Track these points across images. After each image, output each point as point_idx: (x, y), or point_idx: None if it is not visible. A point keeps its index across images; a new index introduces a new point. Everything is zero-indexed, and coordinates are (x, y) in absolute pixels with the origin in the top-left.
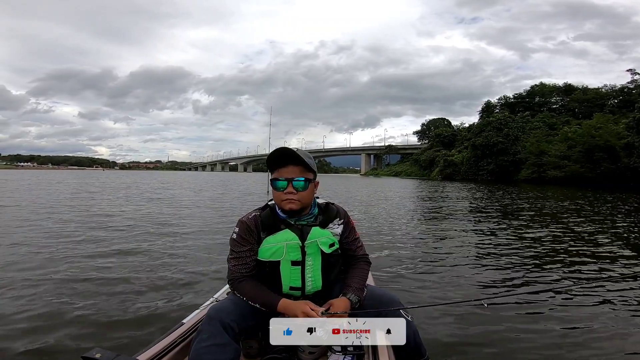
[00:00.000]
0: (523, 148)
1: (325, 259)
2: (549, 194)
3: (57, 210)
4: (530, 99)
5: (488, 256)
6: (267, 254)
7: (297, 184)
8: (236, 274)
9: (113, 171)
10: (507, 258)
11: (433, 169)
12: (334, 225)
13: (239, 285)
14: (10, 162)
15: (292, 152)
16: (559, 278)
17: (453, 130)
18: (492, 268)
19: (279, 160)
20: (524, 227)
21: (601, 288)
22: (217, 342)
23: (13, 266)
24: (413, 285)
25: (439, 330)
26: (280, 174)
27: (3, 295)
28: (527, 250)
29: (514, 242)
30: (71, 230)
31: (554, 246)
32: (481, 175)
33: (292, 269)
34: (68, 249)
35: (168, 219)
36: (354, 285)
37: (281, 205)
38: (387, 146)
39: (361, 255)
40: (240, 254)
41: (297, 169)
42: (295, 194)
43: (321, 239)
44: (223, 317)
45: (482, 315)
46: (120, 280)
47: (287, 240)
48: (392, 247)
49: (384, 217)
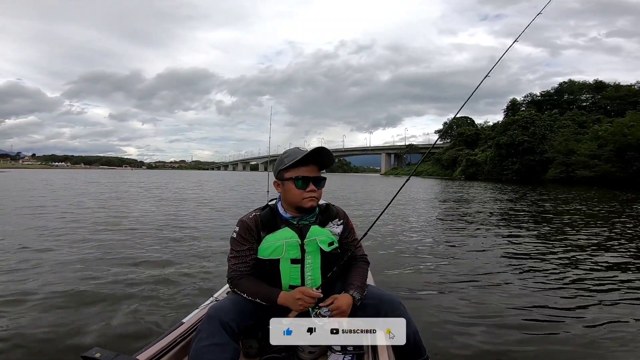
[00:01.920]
0: (550, 147)
1: (325, 257)
2: (589, 194)
3: (67, 211)
4: (558, 97)
5: (525, 266)
6: (267, 252)
7: (320, 183)
8: (236, 272)
9: (141, 171)
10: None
11: (455, 169)
12: (333, 225)
13: (239, 283)
14: (45, 162)
15: (327, 151)
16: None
17: (476, 129)
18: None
19: (305, 160)
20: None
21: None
22: (217, 342)
23: (13, 265)
24: (416, 286)
25: (439, 331)
26: (302, 172)
27: (3, 295)
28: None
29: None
30: (76, 231)
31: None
32: (505, 175)
33: (291, 267)
34: (69, 248)
35: (173, 220)
36: (355, 284)
37: (302, 204)
38: (408, 145)
39: (360, 256)
40: (240, 252)
41: (316, 167)
42: (316, 192)
43: (320, 237)
44: (222, 316)
45: (482, 315)
46: (121, 279)
47: (286, 238)
48: (414, 250)
49: (409, 219)
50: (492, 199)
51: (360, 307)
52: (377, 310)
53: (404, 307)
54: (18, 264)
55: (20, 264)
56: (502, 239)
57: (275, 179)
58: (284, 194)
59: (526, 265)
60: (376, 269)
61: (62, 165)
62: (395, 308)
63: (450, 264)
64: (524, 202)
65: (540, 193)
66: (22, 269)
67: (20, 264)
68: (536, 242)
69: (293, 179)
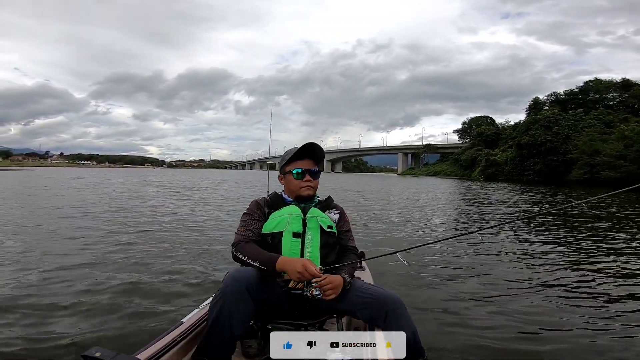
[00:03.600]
0: (574, 147)
1: (325, 235)
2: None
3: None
4: (583, 96)
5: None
6: (271, 225)
7: (314, 174)
8: (241, 238)
9: (162, 169)
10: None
11: (474, 169)
12: (331, 213)
13: (242, 247)
14: (72, 161)
15: (318, 146)
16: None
17: (497, 129)
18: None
19: (300, 154)
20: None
21: None
22: (239, 297)
23: (12, 264)
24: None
25: (439, 331)
26: (298, 165)
27: (3, 294)
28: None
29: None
30: (81, 228)
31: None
32: (527, 176)
33: (293, 240)
34: (71, 247)
35: (180, 219)
36: (345, 269)
37: (300, 192)
38: (426, 145)
39: (352, 247)
40: (247, 223)
41: (312, 162)
42: (312, 182)
43: (321, 217)
44: (244, 274)
45: (482, 316)
46: (121, 279)
47: (291, 212)
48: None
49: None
50: (513, 200)
51: (362, 306)
52: (379, 309)
53: (405, 307)
54: (16, 264)
55: (19, 264)
56: (519, 242)
57: (279, 174)
58: (286, 185)
59: (539, 267)
60: (378, 269)
61: (88, 164)
62: (397, 307)
63: (458, 265)
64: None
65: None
66: (21, 269)
67: (19, 264)
68: (548, 244)
69: (292, 172)
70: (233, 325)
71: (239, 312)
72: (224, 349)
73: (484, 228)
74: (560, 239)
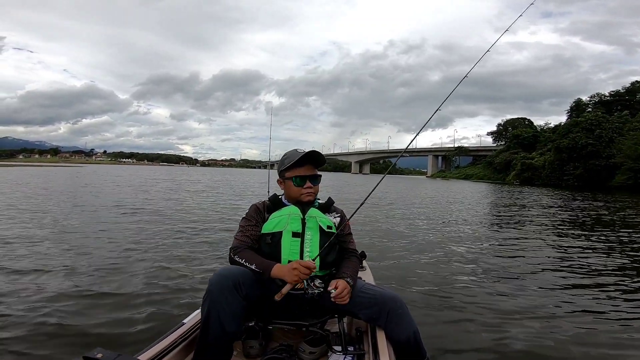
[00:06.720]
0: (618, 151)
1: (324, 235)
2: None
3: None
4: (630, 97)
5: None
6: (271, 225)
7: (315, 180)
8: (239, 244)
9: (195, 168)
10: None
11: (508, 173)
12: (331, 215)
13: (240, 252)
14: (114, 159)
15: (319, 154)
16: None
17: (534, 131)
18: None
19: (300, 161)
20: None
21: None
22: (228, 295)
23: (12, 264)
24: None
25: (439, 331)
26: (299, 172)
27: (4, 293)
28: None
29: None
30: (78, 226)
31: None
32: (566, 181)
33: (292, 240)
34: (76, 246)
35: (187, 219)
36: (348, 272)
37: (300, 198)
38: (457, 147)
39: (352, 250)
40: (246, 228)
41: (312, 167)
42: (313, 188)
43: (320, 217)
44: (233, 272)
45: (483, 316)
46: (121, 279)
47: (290, 212)
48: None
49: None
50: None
51: (363, 305)
52: (380, 309)
53: (406, 307)
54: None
55: (20, 263)
56: (526, 240)
57: (279, 177)
58: (285, 190)
59: (554, 268)
60: (378, 269)
61: (129, 161)
62: (398, 307)
63: (467, 266)
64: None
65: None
66: (21, 269)
67: (20, 262)
68: (553, 247)
69: (292, 178)
70: (224, 321)
71: (228, 307)
72: (220, 348)
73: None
74: (562, 239)
